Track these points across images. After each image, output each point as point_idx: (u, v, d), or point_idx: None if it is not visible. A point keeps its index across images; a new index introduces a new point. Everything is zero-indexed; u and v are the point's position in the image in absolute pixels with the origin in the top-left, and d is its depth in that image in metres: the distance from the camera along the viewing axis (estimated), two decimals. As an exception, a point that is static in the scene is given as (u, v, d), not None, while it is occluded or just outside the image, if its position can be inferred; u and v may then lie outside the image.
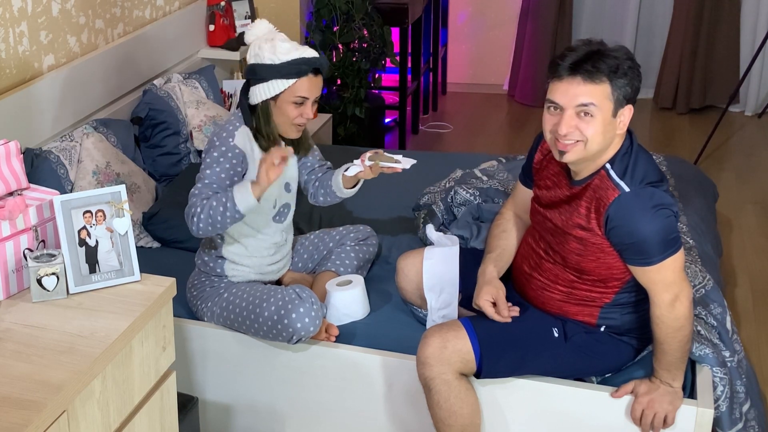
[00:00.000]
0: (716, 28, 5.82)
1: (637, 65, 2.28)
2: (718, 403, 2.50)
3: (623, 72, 2.23)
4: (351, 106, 4.92)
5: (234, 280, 2.79)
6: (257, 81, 2.61)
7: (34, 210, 2.08)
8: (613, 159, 2.30)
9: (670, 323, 2.29)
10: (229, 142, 2.61)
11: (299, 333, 2.57)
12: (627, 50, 2.29)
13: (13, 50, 3.06)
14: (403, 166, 2.70)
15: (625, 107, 2.27)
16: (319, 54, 2.63)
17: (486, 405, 2.53)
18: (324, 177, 2.87)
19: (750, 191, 4.80)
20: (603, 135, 2.25)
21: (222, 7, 4.35)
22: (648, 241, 2.24)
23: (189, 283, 2.85)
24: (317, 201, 2.91)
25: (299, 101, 2.60)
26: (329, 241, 3.03)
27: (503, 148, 5.37)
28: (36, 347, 1.84)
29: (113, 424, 1.92)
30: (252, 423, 2.84)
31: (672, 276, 2.27)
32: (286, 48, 2.58)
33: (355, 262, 2.96)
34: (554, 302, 2.48)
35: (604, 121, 2.24)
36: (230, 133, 2.63)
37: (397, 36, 5.17)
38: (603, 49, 2.26)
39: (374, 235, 3.07)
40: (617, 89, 2.23)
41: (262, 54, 2.58)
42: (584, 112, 2.23)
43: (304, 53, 2.59)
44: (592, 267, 2.38)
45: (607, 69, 2.22)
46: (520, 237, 2.63)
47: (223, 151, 2.60)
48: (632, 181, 2.26)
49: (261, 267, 2.81)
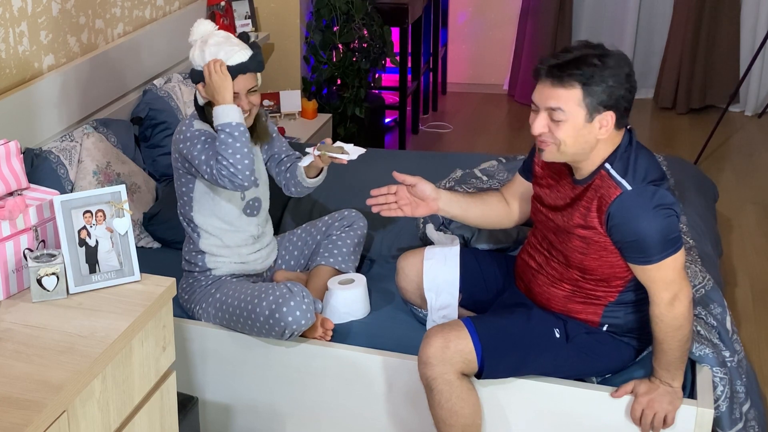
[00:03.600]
0: (716, 28, 5.82)
1: (626, 73, 2.25)
2: (718, 403, 2.50)
3: (601, 79, 2.21)
4: (351, 106, 4.92)
5: (217, 273, 2.81)
6: (196, 84, 2.71)
7: (34, 210, 2.08)
8: (613, 158, 2.30)
9: (670, 322, 2.29)
10: (192, 128, 2.70)
11: (291, 327, 2.57)
12: (619, 58, 2.25)
13: (13, 50, 3.06)
14: (350, 157, 2.70)
15: (604, 113, 2.25)
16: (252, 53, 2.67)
17: (487, 405, 2.53)
18: (292, 168, 2.89)
19: (750, 191, 4.81)
20: (576, 139, 2.26)
21: (222, 7, 4.35)
22: (648, 239, 2.24)
23: (179, 288, 2.86)
24: (290, 192, 2.93)
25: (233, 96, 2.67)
26: (316, 233, 3.03)
27: (503, 148, 5.37)
28: (36, 347, 1.83)
29: (113, 424, 1.91)
30: (252, 423, 2.84)
31: (672, 275, 2.27)
32: (211, 53, 2.63)
33: (345, 249, 2.96)
34: (559, 299, 2.48)
35: (575, 125, 2.25)
36: (189, 124, 2.72)
37: (397, 36, 5.17)
38: (587, 54, 2.23)
39: (361, 217, 3.05)
40: (590, 96, 2.22)
41: (196, 61, 2.67)
42: (553, 116, 2.25)
43: (230, 59, 2.62)
44: (594, 266, 2.38)
45: (580, 75, 2.21)
46: (491, 212, 2.66)
47: (190, 136, 2.68)
48: (634, 180, 2.26)
49: (241, 256, 2.84)
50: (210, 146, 2.64)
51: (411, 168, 2.77)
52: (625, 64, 2.26)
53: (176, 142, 2.72)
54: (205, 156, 2.62)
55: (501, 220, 2.69)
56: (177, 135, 2.72)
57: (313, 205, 3.46)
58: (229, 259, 2.82)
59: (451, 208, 2.63)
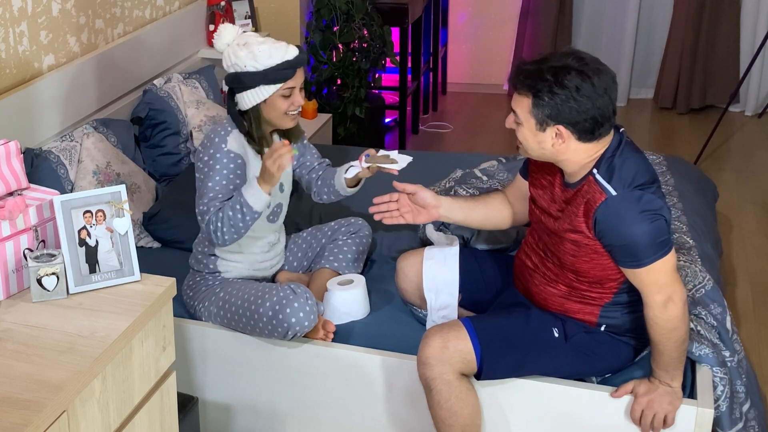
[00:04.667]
0: (716, 28, 5.82)
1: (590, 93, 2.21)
2: (718, 403, 2.50)
3: (549, 95, 2.22)
4: (351, 106, 4.92)
5: (227, 276, 2.80)
6: (243, 89, 2.60)
7: (34, 210, 2.08)
8: (599, 163, 2.30)
9: (664, 324, 2.30)
10: (222, 148, 2.61)
11: (294, 328, 2.57)
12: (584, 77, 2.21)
13: (13, 50, 3.06)
14: (400, 166, 2.71)
15: (553, 126, 2.26)
16: (296, 47, 2.62)
17: (486, 405, 2.53)
18: (325, 175, 2.88)
19: (750, 191, 4.80)
20: (533, 143, 2.32)
21: (222, 7, 4.35)
22: (637, 243, 2.24)
23: (184, 285, 2.86)
24: (321, 199, 2.92)
25: (288, 93, 2.62)
26: (321, 237, 3.03)
27: (503, 148, 5.37)
28: (36, 347, 1.84)
29: (113, 424, 1.91)
30: (252, 423, 2.84)
31: (663, 278, 2.27)
32: (265, 53, 2.56)
33: (350, 256, 2.97)
34: (556, 298, 2.48)
35: (530, 131, 2.30)
36: (222, 139, 2.62)
37: (397, 36, 5.17)
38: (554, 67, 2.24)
39: (366, 226, 3.07)
40: (537, 108, 2.26)
41: (241, 62, 2.57)
42: (514, 118, 2.33)
43: (285, 55, 2.58)
44: (586, 268, 2.38)
45: (530, 87, 2.26)
46: (494, 215, 2.67)
47: (218, 158, 2.60)
48: (619, 184, 2.26)
49: (254, 264, 2.82)
50: (226, 188, 2.58)
51: (411, 168, 2.77)
52: (594, 83, 2.21)
53: (204, 147, 2.64)
54: (212, 194, 2.58)
55: (504, 222, 2.69)
56: (207, 141, 2.64)
57: (313, 206, 3.46)
58: (241, 265, 2.81)
59: (453, 213, 2.64)
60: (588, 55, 2.28)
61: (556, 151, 2.30)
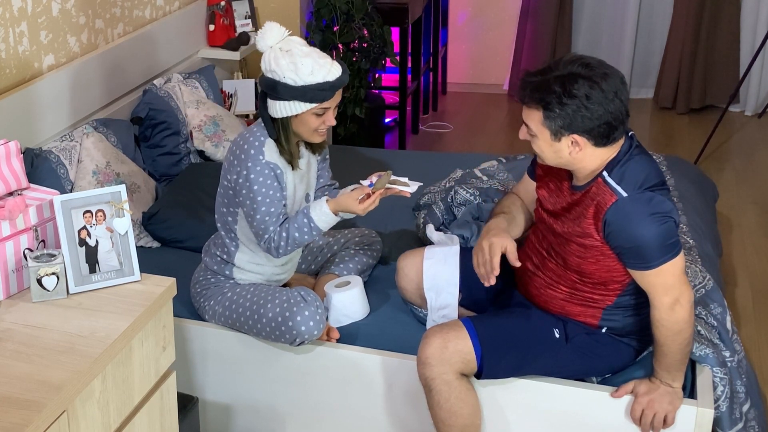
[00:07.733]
0: (716, 28, 5.82)
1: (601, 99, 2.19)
2: (718, 403, 2.50)
3: (559, 107, 2.21)
4: (351, 106, 4.92)
5: (240, 282, 2.78)
6: (277, 97, 2.49)
7: (34, 210, 2.08)
8: (610, 165, 2.30)
9: (670, 326, 2.29)
10: (260, 160, 2.53)
11: (303, 336, 2.56)
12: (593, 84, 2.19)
13: (13, 50, 3.06)
14: (411, 190, 2.64)
15: (568, 136, 2.25)
16: (341, 66, 2.51)
17: (486, 405, 2.53)
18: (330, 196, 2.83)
19: (750, 191, 4.80)
20: (550, 153, 2.31)
21: (222, 7, 4.35)
22: (646, 245, 2.24)
23: (194, 278, 2.83)
24: None
25: (321, 113, 2.53)
26: (334, 243, 3.02)
27: (503, 148, 5.37)
28: (36, 347, 1.84)
29: (113, 424, 1.92)
30: (252, 423, 2.84)
31: (672, 280, 2.27)
32: (307, 68, 2.43)
33: (359, 266, 2.96)
34: (557, 301, 2.48)
35: (545, 143, 2.30)
36: (258, 150, 2.54)
37: (397, 36, 5.17)
38: (559, 76, 2.22)
39: (379, 241, 3.07)
40: (549, 120, 2.24)
41: (281, 71, 2.44)
42: (527, 130, 2.32)
43: (328, 75, 2.45)
44: (592, 269, 2.38)
45: (540, 100, 2.24)
46: (524, 221, 2.64)
47: (258, 171, 2.52)
48: (630, 186, 2.26)
49: (270, 276, 2.79)
50: (274, 201, 2.53)
51: (411, 168, 2.77)
52: (603, 89, 2.20)
53: (240, 160, 2.54)
54: (265, 209, 2.53)
55: (529, 223, 2.68)
56: (240, 153, 2.55)
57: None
58: (258, 276, 2.77)
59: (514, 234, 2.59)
60: (593, 59, 2.26)
61: (573, 159, 2.30)
